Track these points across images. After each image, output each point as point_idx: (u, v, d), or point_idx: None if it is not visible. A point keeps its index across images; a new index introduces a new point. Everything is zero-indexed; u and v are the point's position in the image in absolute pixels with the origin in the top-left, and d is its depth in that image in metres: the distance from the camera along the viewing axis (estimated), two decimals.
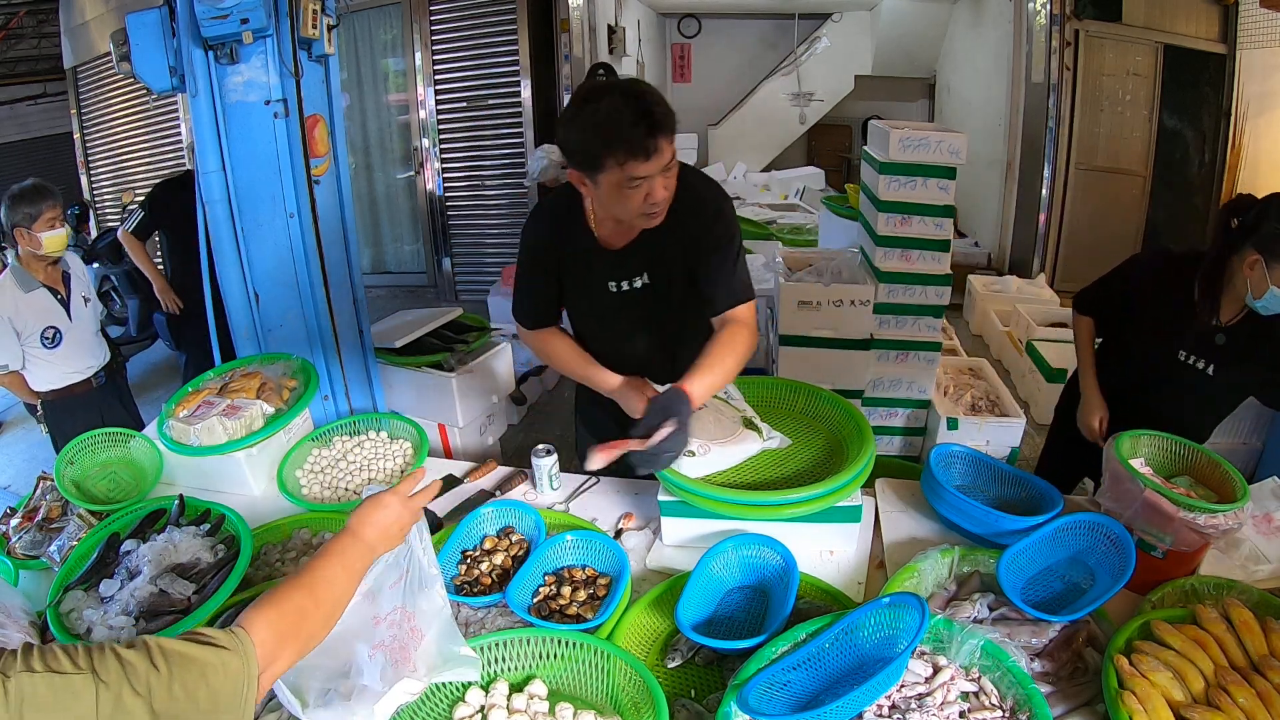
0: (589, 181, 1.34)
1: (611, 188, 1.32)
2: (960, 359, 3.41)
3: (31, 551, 1.56)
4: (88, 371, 2.62)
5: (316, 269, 2.19)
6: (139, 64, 1.95)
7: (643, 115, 1.25)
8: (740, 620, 1.28)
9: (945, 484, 1.47)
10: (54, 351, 2.49)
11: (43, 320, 2.45)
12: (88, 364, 2.62)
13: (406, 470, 1.73)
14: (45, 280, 2.50)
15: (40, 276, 2.48)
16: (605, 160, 1.28)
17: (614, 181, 1.31)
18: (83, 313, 2.58)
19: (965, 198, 5.15)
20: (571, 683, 1.14)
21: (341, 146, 2.22)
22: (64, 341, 2.50)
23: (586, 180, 1.35)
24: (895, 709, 1.05)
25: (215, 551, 1.42)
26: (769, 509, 1.35)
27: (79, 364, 2.60)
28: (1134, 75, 4.86)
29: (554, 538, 1.43)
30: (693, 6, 8.12)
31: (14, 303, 2.40)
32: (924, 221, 2.75)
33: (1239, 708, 1.01)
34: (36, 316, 2.44)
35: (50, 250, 2.42)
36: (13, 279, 2.42)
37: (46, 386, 2.54)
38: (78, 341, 2.57)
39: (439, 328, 2.93)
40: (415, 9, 5.20)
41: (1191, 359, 1.72)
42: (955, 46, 6.83)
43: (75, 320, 2.54)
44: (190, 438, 1.70)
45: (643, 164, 1.28)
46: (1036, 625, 1.19)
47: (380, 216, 5.92)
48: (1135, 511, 1.32)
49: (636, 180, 1.30)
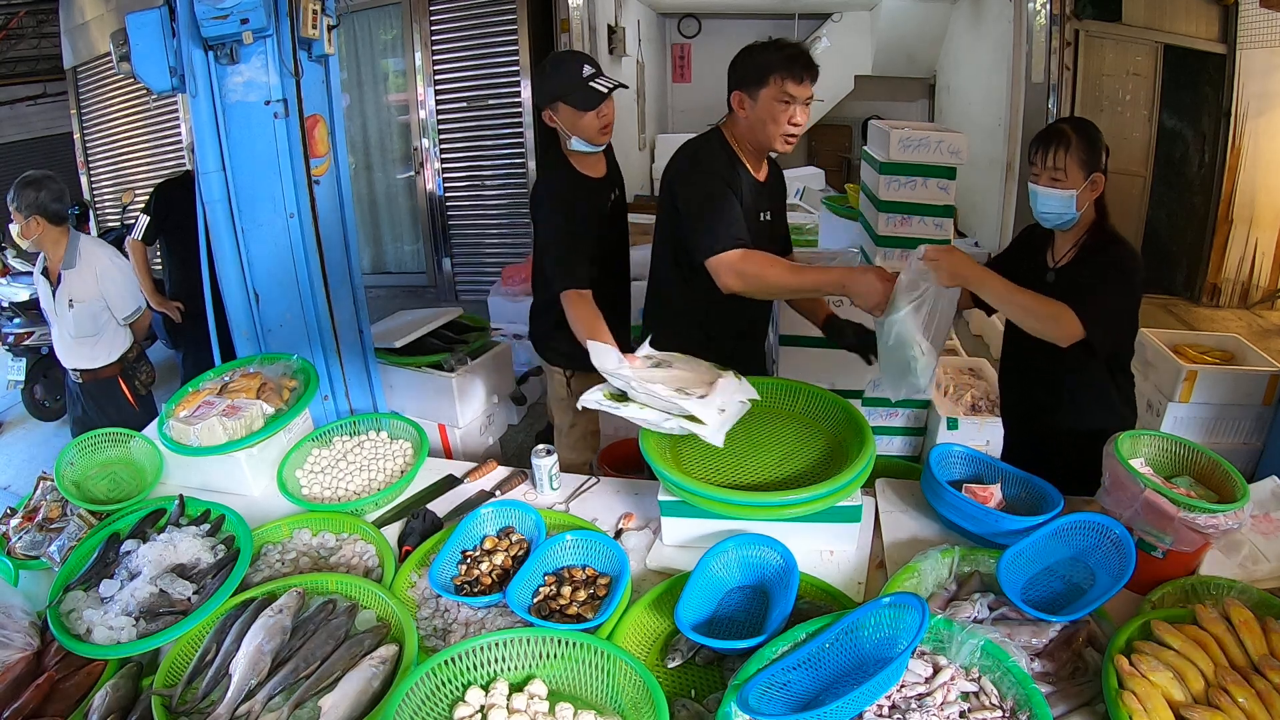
0: (749, 100, 1.72)
1: (768, 101, 1.69)
2: (960, 359, 3.40)
3: (31, 552, 1.56)
4: (68, 364, 2.73)
5: (316, 269, 2.19)
6: (139, 64, 1.95)
7: (803, 54, 1.70)
8: (740, 620, 1.28)
9: (945, 484, 1.47)
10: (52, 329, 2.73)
11: (44, 301, 2.69)
12: (67, 360, 2.72)
13: (407, 471, 1.73)
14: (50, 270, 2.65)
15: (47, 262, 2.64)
16: (770, 75, 1.66)
17: (772, 95, 1.68)
18: (65, 314, 2.61)
19: (965, 198, 5.14)
20: (571, 683, 1.14)
21: (341, 147, 2.22)
22: (53, 327, 2.71)
23: (747, 100, 1.72)
24: (895, 709, 1.05)
25: (215, 552, 1.42)
26: (769, 509, 1.35)
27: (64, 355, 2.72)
28: (1134, 75, 4.86)
29: (554, 538, 1.43)
30: (693, 6, 8.11)
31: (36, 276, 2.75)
32: (924, 221, 2.75)
33: (1239, 708, 1.01)
34: (43, 297, 2.69)
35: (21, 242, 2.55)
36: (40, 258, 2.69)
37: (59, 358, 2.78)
38: (59, 335, 2.69)
39: (439, 328, 2.93)
40: (415, 9, 5.19)
41: None
42: (955, 46, 6.82)
43: (58, 316, 2.64)
44: (190, 438, 1.69)
45: (797, 85, 1.67)
46: (1037, 625, 1.19)
47: (380, 216, 5.91)
48: (1135, 511, 1.32)
49: (788, 98, 1.67)
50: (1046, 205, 1.62)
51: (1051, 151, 1.59)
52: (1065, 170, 1.58)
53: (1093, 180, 1.59)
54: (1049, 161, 1.59)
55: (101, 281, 2.64)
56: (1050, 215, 1.64)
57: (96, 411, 2.72)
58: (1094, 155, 1.59)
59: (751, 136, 1.77)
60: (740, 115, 1.76)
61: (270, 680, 1.14)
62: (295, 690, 1.14)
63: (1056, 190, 1.59)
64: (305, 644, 1.19)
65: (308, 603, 1.29)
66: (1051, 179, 1.59)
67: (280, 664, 1.16)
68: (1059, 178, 1.59)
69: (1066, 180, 1.58)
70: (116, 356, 2.74)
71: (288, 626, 1.21)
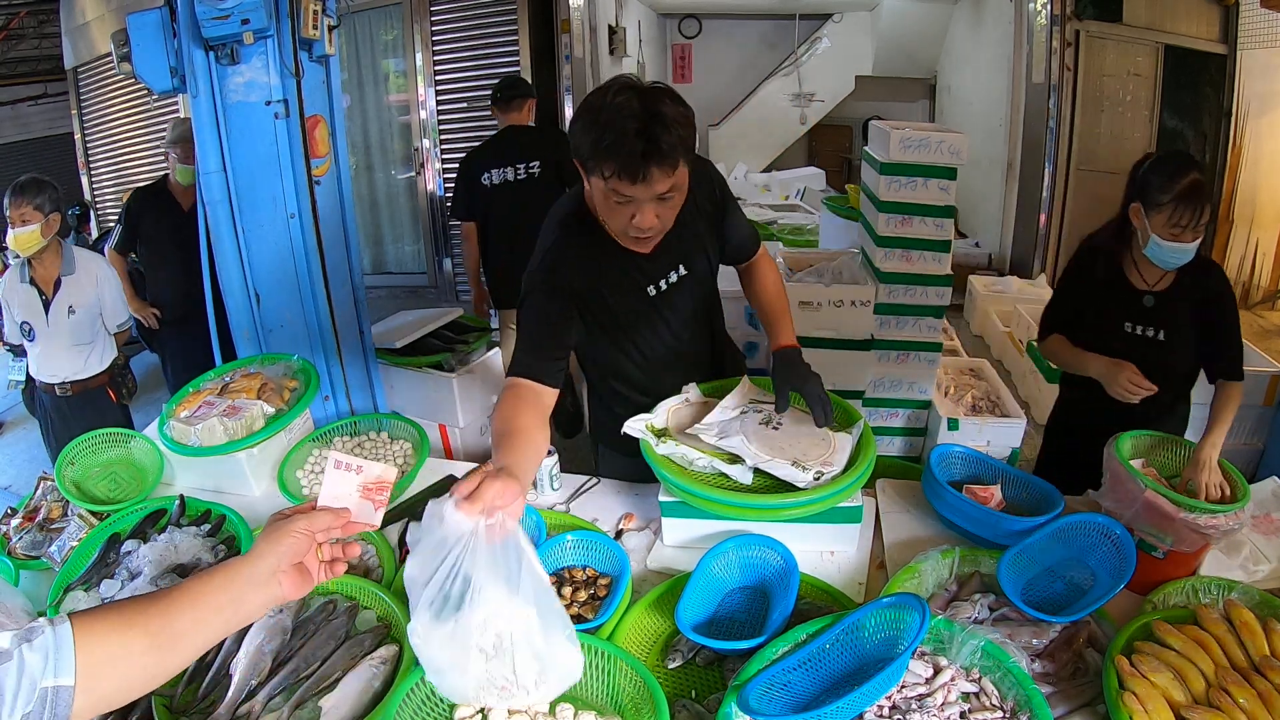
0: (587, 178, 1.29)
1: (600, 194, 1.27)
2: (961, 359, 3.41)
3: (32, 552, 1.56)
4: (53, 378, 2.67)
5: (317, 269, 2.19)
6: (139, 64, 1.95)
7: (644, 134, 1.16)
8: (741, 621, 1.28)
9: (946, 484, 1.47)
10: (32, 345, 2.64)
11: (23, 313, 2.58)
12: (54, 371, 2.66)
13: (407, 471, 1.73)
14: (37, 278, 2.55)
15: (34, 271, 2.53)
16: (594, 167, 1.23)
17: (600, 190, 1.26)
18: (61, 322, 2.59)
19: (966, 198, 5.15)
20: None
21: (342, 147, 2.22)
22: (38, 339, 2.62)
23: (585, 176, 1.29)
24: (896, 709, 1.04)
25: (216, 552, 1.42)
26: (769, 510, 1.35)
27: (50, 367, 2.66)
28: (1134, 76, 4.86)
29: (554, 538, 1.42)
30: (693, 7, 8.12)
31: (10, 285, 2.60)
32: (924, 222, 2.75)
33: (1239, 708, 1.01)
34: (20, 307, 2.58)
35: (16, 248, 2.47)
36: (17, 265, 2.58)
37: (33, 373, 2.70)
38: (51, 346, 2.63)
39: (439, 328, 2.93)
40: (416, 10, 5.20)
41: (1139, 329, 1.75)
42: (955, 47, 6.83)
43: (51, 326, 2.59)
44: (191, 438, 1.70)
45: (629, 185, 1.21)
46: (1037, 626, 1.19)
47: (381, 217, 5.91)
48: (1136, 512, 1.32)
49: (622, 198, 1.24)
50: (1182, 258, 1.61)
51: (1201, 210, 1.55)
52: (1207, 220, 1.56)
53: None
54: (1199, 221, 1.55)
55: (99, 288, 2.64)
56: (1176, 263, 1.63)
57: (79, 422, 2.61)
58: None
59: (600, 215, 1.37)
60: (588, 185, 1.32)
61: (270, 680, 1.14)
62: (295, 690, 1.14)
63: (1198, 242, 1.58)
64: (305, 644, 1.19)
65: (308, 603, 1.29)
66: (1195, 236, 1.56)
67: (280, 664, 1.16)
68: (1202, 230, 1.56)
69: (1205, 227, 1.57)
70: (108, 364, 2.74)
71: (288, 626, 1.21)
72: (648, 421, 1.47)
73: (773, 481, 1.38)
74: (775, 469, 1.36)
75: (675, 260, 1.50)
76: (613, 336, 1.52)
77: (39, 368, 2.67)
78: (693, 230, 1.49)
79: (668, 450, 1.41)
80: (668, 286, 1.51)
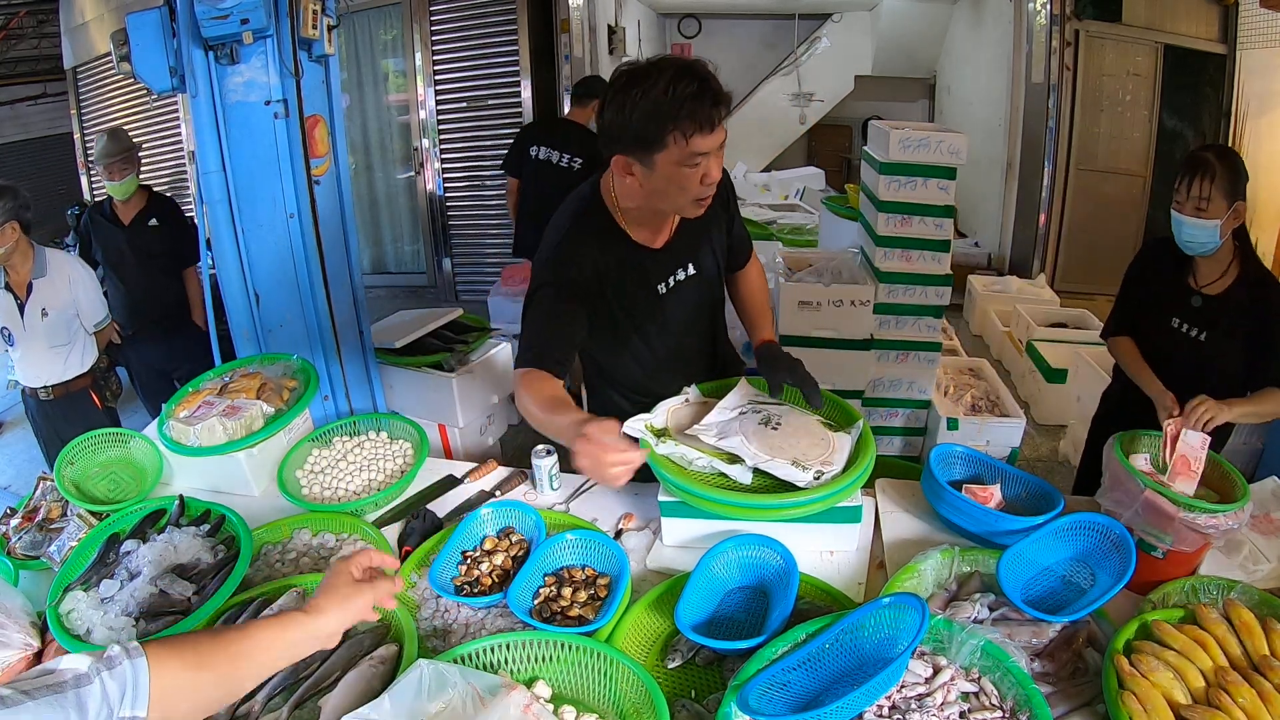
0: (641, 166, 1.29)
1: (670, 167, 1.27)
2: (960, 359, 3.40)
3: (31, 552, 1.56)
4: (35, 382, 2.65)
5: (317, 269, 2.19)
6: (139, 64, 1.95)
7: (704, 87, 1.22)
8: (740, 621, 1.28)
9: (945, 484, 1.47)
10: (13, 349, 2.61)
11: (1, 318, 2.55)
12: (35, 375, 2.65)
13: (407, 471, 1.73)
14: (12, 283, 2.55)
15: (9, 277, 2.52)
16: (668, 135, 1.23)
17: (674, 160, 1.26)
18: (37, 325, 2.57)
19: (965, 198, 5.15)
20: (574, 685, 1.14)
21: (342, 147, 2.22)
22: (17, 344, 2.59)
23: (637, 166, 1.30)
24: (895, 709, 1.05)
25: (215, 552, 1.42)
26: (769, 510, 1.34)
27: (31, 371, 2.64)
28: (1134, 75, 4.85)
29: (554, 538, 1.42)
30: (693, 7, 8.11)
31: None
32: (924, 222, 2.75)
33: (1239, 708, 1.01)
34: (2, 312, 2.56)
35: None
36: None
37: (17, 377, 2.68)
38: (29, 350, 2.60)
39: (439, 328, 2.93)
40: (415, 9, 5.19)
41: (1185, 327, 1.79)
42: (955, 47, 6.82)
43: (27, 330, 2.57)
44: (190, 438, 1.69)
45: (706, 137, 1.25)
46: (1037, 625, 1.19)
47: (380, 217, 5.91)
48: (1135, 511, 1.32)
49: (698, 157, 1.26)
50: (1191, 235, 1.68)
51: (1196, 181, 1.63)
52: (1209, 199, 1.62)
53: (1235, 209, 1.65)
54: (1194, 191, 1.64)
55: (73, 288, 2.62)
56: (1194, 244, 1.70)
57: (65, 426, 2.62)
58: (1237, 185, 1.64)
59: (647, 205, 1.40)
60: (628, 181, 1.34)
61: (270, 680, 1.14)
62: (295, 690, 1.14)
63: (1202, 220, 1.64)
64: None
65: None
66: (1196, 209, 1.64)
67: None
68: (1203, 207, 1.63)
69: (1210, 210, 1.63)
70: (89, 366, 2.72)
71: None
72: (647, 421, 1.47)
73: (772, 481, 1.38)
74: (775, 469, 1.36)
75: (685, 258, 1.53)
76: (617, 331, 1.53)
77: (21, 372, 2.65)
78: (705, 230, 1.53)
79: (667, 450, 1.41)
80: (676, 283, 1.53)
